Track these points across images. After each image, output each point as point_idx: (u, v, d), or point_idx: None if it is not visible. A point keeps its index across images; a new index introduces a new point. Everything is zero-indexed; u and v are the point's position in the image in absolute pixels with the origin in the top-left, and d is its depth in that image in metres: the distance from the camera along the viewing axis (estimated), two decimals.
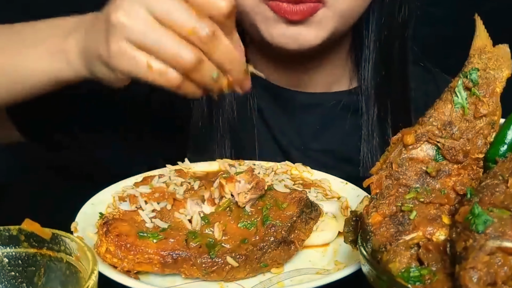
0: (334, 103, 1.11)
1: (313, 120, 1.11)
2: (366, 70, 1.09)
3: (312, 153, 1.09)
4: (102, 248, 0.70)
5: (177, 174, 0.85)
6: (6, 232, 0.58)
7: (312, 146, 1.10)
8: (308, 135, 1.11)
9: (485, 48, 0.71)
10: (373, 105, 1.08)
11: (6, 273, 0.58)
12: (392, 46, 1.07)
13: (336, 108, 1.11)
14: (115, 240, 0.70)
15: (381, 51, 1.07)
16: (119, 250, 0.69)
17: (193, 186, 0.80)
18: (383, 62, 1.08)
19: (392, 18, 1.06)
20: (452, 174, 0.65)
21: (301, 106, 1.11)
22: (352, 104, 1.11)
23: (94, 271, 0.53)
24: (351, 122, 1.10)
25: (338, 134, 1.11)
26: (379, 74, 1.08)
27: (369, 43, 1.07)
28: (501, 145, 0.66)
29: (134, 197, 0.77)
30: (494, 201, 0.55)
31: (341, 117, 1.11)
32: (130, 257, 0.69)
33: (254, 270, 0.71)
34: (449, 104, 0.68)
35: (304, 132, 1.11)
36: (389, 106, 1.08)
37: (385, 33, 1.06)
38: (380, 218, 0.61)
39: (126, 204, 0.78)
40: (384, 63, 1.08)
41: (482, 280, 0.49)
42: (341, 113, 1.11)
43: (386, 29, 1.06)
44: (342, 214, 0.81)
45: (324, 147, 1.10)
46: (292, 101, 1.10)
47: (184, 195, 0.78)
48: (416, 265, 0.56)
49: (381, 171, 0.66)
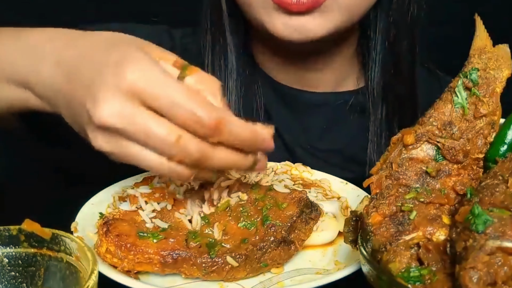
0: (340, 103, 1.11)
1: (320, 120, 1.11)
2: (373, 71, 1.08)
3: (318, 152, 1.09)
4: (102, 248, 0.70)
5: None
6: (6, 232, 0.58)
7: (319, 145, 1.10)
8: (314, 134, 1.11)
9: (485, 48, 0.71)
10: (380, 106, 1.08)
11: (6, 273, 0.58)
12: (401, 46, 1.06)
13: (343, 108, 1.11)
14: (115, 240, 0.70)
15: (389, 51, 1.07)
16: (119, 250, 0.69)
17: (193, 186, 0.80)
18: (391, 63, 1.07)
19: (401, 17, 1.05)
20: (452, 174, 0.65)
21: (308, 105, 1.11)
22: (359, 104, 1.10)
23: (94, 271, 0.53)
24: (358, 122, 1.10)
25: (345, 134, 1.11)
26: (386, 75, 1.08)
27: (376, 44, 1.07)
28: (501, 145, 0.66)
29: (134, 197, 0.77)
30: (494, 201, 0.55)
31: (347, 117, 1.11)
32: (130, 257, 0.69)
33: (254, 270, 0.71)
34: (449, 104, 0.68)
35: (311, 131, 1.11)
36: (396, 106, 1.08)
37: (393, 32, 1.05)
38: (380, 218, 0.61)
39: (126, 204, 0.78)
40: (392, 63, 1.07)
41: (482, 280, 0.49)
42: (348, 113, 1.11)
43: (395, 28, 1.05)
44: (342, 214, 0.81)
45: (331, 147, 1.10)
46: (299, 100, 1.10)
47: (184, 195, 0.78)
48: (416, 265, 0.56)
49: (381, 171, 0.66)
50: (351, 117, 1.10)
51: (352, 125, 1.11)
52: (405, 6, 1.04)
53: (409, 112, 1.07)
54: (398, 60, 1.07)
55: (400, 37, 1.06)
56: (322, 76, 1.11)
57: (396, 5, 1.04)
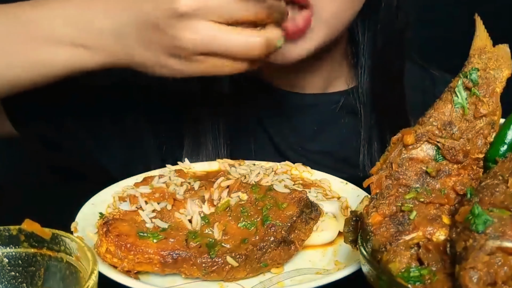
0: (331, 104, 1.10)
1: (310, 121, 1.10)
2: (362, 76, 1.08)
3: (309, 154, 1.09)
4: (102, 248, 0.70)
5: (177, 174, 0.85)
6: (6, 232, 0.58)
7: (310, 147, 1.10)
8: (305, 136, 1.10)
9: (485, 48, 0.71)
10: (370, 109, 1.08)
11: (6, 273, 0.58)
12: (389, 53, 1.07)
13: (333, 109, 1.10)
14: (115, 240, 0.70)
15: (377, 57, 1.07)
16: (119, 250, 0.69)
17: (193, 186, 0.80)
18: (379, 68, 1.07)
19: (388, 26, 1.05)
20: (452, 174, 0.65)
21: (297, 107, 1.10)
22: (350, 105, 1.10)
23: (94, 271, 0.53)
24: (349, 123, 1.10)
25: (336, 135, 1.11)
26: (376, 80, 1.08)
27: (364, 50, 1.07)
28: (501, 145, 0.66)
29: (134, 197, 0.77)
30: (494, 201, 0.55)
31: (338, 118, 1.10)
32: (130, 257, 0.69)
33: (254, 270, 0.71)
34: (449, 104, 0.68)
35: (301, 133, 1.11)
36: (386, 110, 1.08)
37: (381, 39, 1.05)
38: (380, 218, 0.61)
39: (126, 204, 0.78)
40: (381, 68, 1.07)
41: (482, 280, 0.49)
42: (339, 114, 1.10)
43: (382, 36, 1.05)
44: (342, 214, 0.81)
45: (322, 148, 1.10)
46: (288, 102, 1.10)
47: (184, 195, 0.78)
48: (416, 265, 0.56)
49: (381, 171, 0.66)
50: (342, 118, 1.10)
51: (343, 126, 1.10)
52: (392, 14, 1.04)
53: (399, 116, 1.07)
54: (386, 65, 1.07)
55: (388, 44, 1.06)
56: (312, 78, 1.10)
57: (382, 13, 1.03)
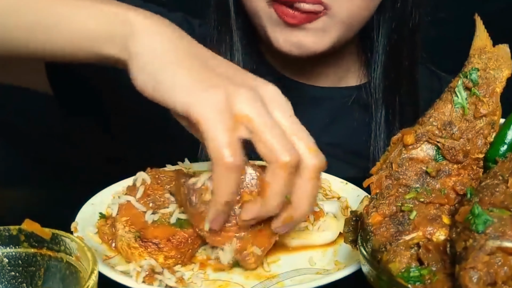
0: (343, 98, 1.12)
1: (323, 114, 1.12)
2: (375, 72, 1.09)
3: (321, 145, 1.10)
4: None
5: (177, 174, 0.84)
6: (6, 232, 0.57)
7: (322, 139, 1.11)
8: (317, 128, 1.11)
9: (485, 48, 0.71)
10: (381, 105, 1.09)
11: (6, 273, 0.58)
12: (402, 51, 1.08)
13: (345, 102, 1.12)
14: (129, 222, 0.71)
15: (390, 54, 1.08)
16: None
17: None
18: (392, 66, 1.09)
19: (403, 24, 1.06)
20: (452, 174, 0.65)
21: (311, 99, 1.12)
22: (362, 99, 1.11)
23: (94, 271, 0.53)
24: (360, 116, 1.11)
25: (348, 128, 1.12)
26: (388, 77, 1.09)
27: (378, 46, 1.08)
28: (501, 145, 0.66)
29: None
30: (494, 201, 0.55)
31: (350, 112, 1.12)
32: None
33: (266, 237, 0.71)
34: (449, 104, 0.68)
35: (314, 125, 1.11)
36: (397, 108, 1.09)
37: (395, 37, 1.07)
38: (380, 218, 0.61)
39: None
40: (393, 66, 1.09)
41: (482, 280, 0.49)
42: (351, 107, 1.12)
43: (397, 33, 1.07)
44: (342, 214, 0.81)
45: (333, 141, 1.11)
46: (302, 93, 1.11)
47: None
48: (416, 265, 0.56)
49: (381, 171, 0.66)
50: (353, 112, 1.11)
51: (354, 119, 1.12)
52: (407, 12, 1.05)
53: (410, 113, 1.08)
54: (399, 64, 1.08)
55: (402, 42, 1.07)
56: (326, 70, 1.12)
57: (398, 11, 1.05)
